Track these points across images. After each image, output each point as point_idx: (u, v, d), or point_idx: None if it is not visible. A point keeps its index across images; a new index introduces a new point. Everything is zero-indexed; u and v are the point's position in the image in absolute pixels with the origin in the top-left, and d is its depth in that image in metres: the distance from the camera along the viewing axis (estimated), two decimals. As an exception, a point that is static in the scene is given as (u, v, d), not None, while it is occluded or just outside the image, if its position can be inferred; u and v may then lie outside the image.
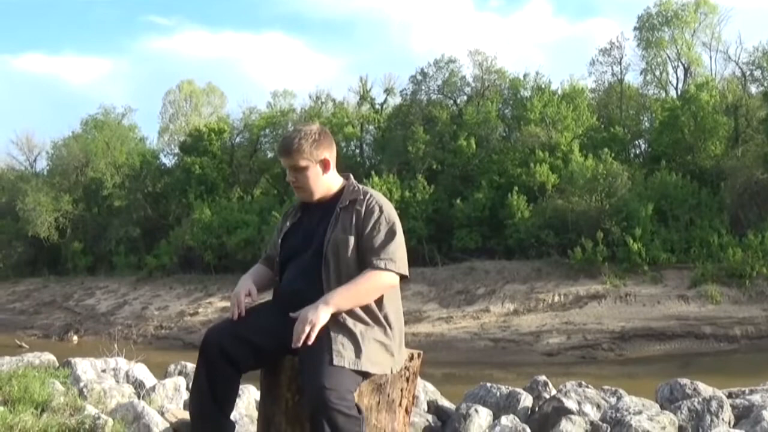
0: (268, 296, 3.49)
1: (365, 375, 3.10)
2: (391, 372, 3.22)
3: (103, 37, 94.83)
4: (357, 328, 3.12)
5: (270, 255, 3.52)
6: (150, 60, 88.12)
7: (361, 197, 3.28)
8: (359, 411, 2.98)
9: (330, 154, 3.34)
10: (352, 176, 3.45)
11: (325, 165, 3.33)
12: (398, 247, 3.22)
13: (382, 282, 3.17)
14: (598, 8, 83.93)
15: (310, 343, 3.00)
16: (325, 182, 3.35)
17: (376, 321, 3.18)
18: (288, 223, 3.45)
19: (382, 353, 3.15)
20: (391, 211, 3.29)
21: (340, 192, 3.35)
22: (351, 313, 3.14)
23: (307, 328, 3.00)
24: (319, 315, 3.02)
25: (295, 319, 3.09)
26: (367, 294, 3.15)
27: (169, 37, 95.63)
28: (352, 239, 3.20)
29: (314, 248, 3.23)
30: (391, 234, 3.22)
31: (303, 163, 3.27)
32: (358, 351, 3.06)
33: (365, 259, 3.19)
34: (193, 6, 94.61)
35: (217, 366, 3.19)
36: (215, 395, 3.22)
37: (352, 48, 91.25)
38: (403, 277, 3.24)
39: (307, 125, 3.39)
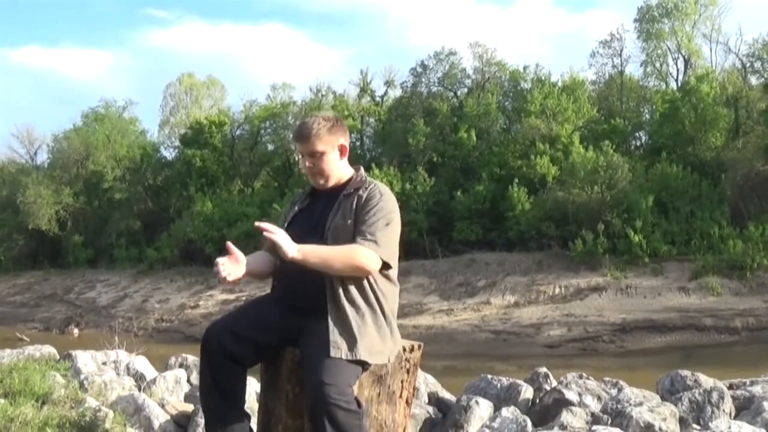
0: (264, 285, 3.49)
1: (364, 366, 3.09)
2: (389, 361, 3.21)
3: (101, 30, 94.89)
4: (354, 318, 3.11)
5: None
6: (149, 53, 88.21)
7: (366, 186, 3.30)
8: (359, 404, 2.97)
9: (346, 140, 3.39)
10: (362, 168, 3.46)
11: (342, 150, 3.36)
12: (388, 234, 3.19)
13: (358, 257, 3.10)
14: (596, 0, 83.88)
15: (263, 230, 2.98)
16: (340, 169, 3.37)
17: (372, 310, 3.17)
18: (296, 208, 3.45)
19: (378, 343, 3.14)
20: (390, 202, 3.27)
21: (349, 181, 3.37)
22: (349, 302, 3.13)
23: (273, 233, 2.99)
24: (289, 243, 3.01)
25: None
26: (338, 261, 3.08)
27: (168, 30, 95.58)
28: (350, 223, 3.20)
29: (318, 234, 3.24)
30: (384, 220, 3.20)
31: (321, 147, 3.28)
32: (354, 342, 3.05)
33: (354, 237, 3.16)
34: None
35: (219, 364, 3.20)
36: (222, 392, 3.23)
37: (352, 40, 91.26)
38: (385, 266, 3.19)
39: (322, 112, 3.41)
